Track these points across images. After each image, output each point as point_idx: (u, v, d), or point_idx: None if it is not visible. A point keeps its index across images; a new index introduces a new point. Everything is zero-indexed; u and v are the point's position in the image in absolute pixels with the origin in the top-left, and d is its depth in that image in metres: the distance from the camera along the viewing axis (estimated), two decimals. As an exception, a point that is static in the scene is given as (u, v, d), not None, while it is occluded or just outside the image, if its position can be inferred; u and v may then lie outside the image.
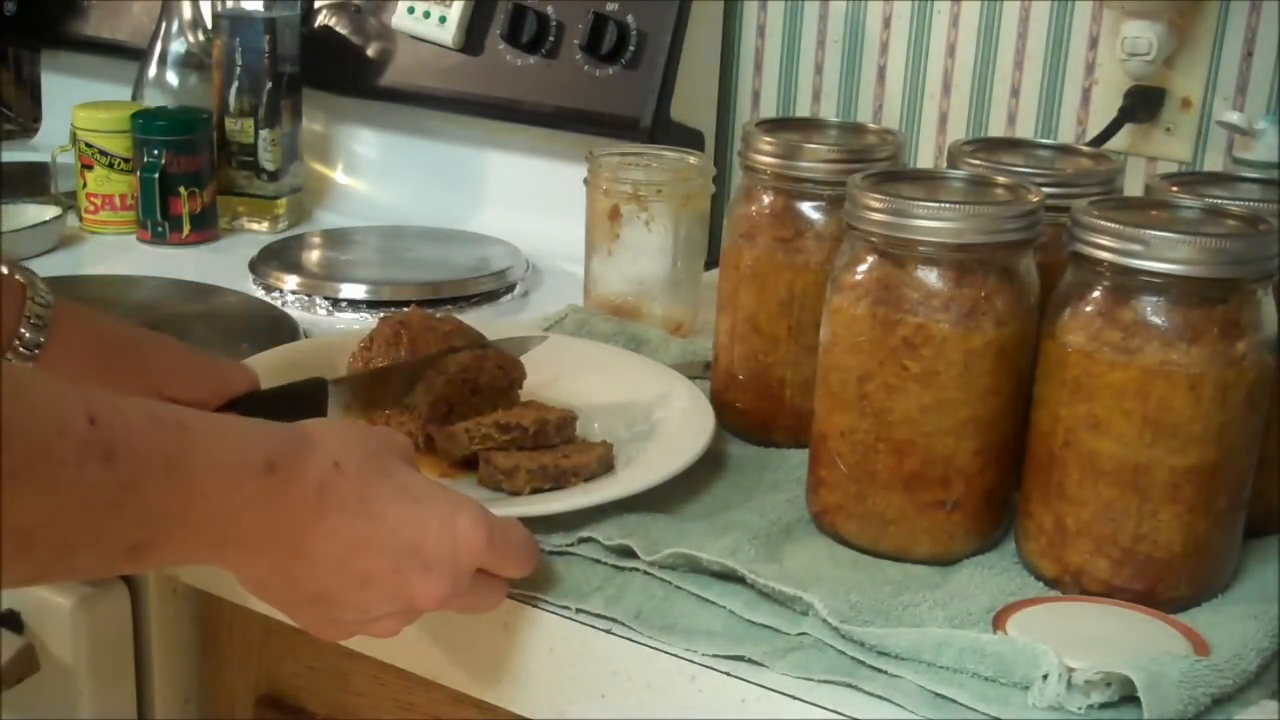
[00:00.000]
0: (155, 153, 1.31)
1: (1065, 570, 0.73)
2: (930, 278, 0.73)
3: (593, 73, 1.30)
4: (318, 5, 1.46)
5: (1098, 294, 0.70)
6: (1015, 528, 0.77)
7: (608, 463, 0.82)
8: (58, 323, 0.73)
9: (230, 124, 1.38)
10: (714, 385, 0.93)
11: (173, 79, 1.44)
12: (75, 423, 0.52)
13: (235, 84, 1.37)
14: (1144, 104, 1.18)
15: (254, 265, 1.23)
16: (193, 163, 1.33)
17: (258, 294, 1.19)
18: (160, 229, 1.33)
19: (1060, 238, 0.73)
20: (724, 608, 0.70)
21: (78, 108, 1.38)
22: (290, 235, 1.37)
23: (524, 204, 1.38)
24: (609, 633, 0.70)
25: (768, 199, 0.87)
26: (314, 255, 1.30)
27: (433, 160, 1.45)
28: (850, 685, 0.65)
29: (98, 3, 1.62)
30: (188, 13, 1.44)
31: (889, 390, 0.74)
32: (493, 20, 1.36)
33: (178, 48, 1.44)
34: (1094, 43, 1.20)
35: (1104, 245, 0.69)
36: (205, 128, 1.35)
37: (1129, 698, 0.62)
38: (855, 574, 0.74)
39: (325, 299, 1.18)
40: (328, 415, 0.82)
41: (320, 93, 1.45)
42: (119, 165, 1.36)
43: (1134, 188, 0.96)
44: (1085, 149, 0.91)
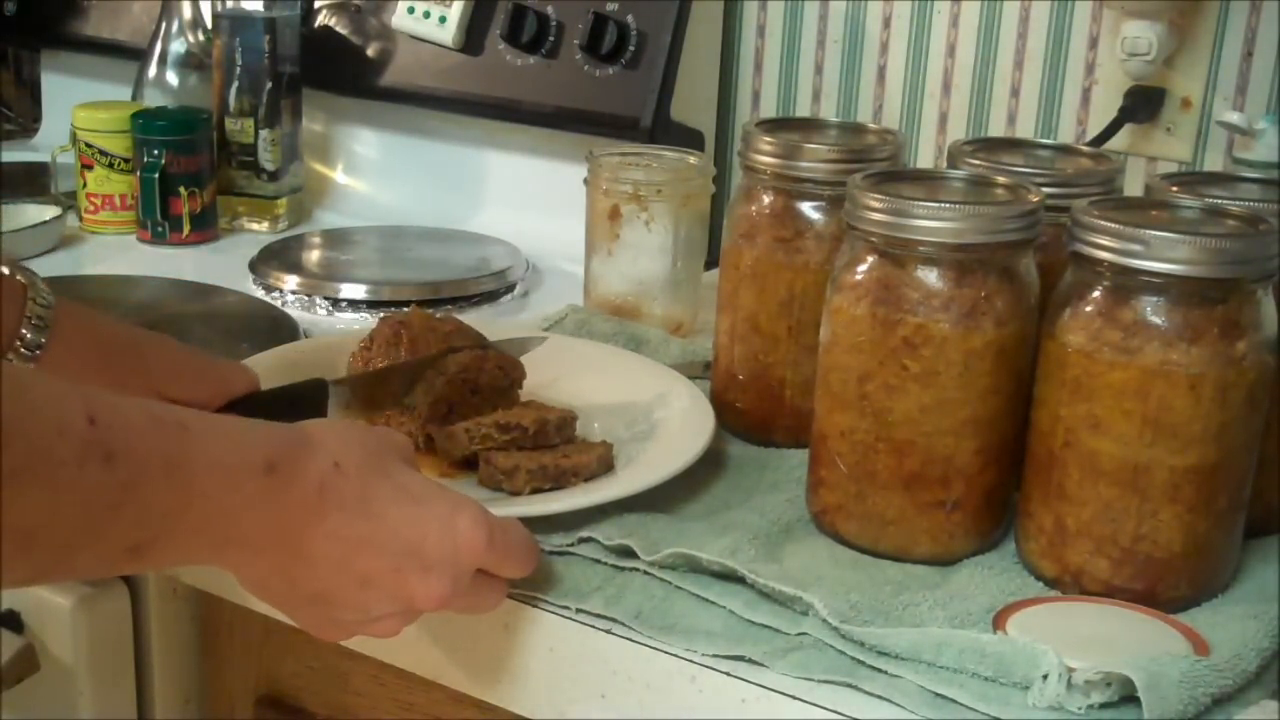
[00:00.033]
0: (155, 153, 1.31)
1: (1065, 570, 0.73)
2: (930, 278, 0.73)
3: (593, 73, 1.30)
4: (318, 5, 1.46)
5: (1098, 294, 0.70)
6: (1015, 528, 0.77)
7: (608, 463, 0.82)
8: (58, 323, 0.73)
9: (230, 124, 1.38)
10: (714, 385, 0.93)
11: (173, 79, 1.44)
12: (75, 423, 0.52)
13: (235, 84, 1.37)
14: (1144, 104, 1.18)
15: (254, 265, 1.23)
16: (193, 163, 1.33)
17: (258, 294, 1.19)
18: (160, 229, 1.33)
19: (1060, 238, 0.73)
20: (724, 608, 0.70)
21: (78, 108, 1.38)
22: (290, 235, 1.37)
23: (524, 204, 1.38)
24: (609, 633, 0.70)
25: (768, 199, 0.87)
26: (314, 255, 1.30)
27: (433, 160, 1.45)
28: (850, 685, 0.65)
29: (98, 3, 1.62)
30: (188, 13, 1.44)
31: (889, 390, 0.74)
32: (493, 20, 1.36)
33: (178, 48, 1.44)
34: (1094, 43, 1.20)
35: (1104, 245, 0.69)
36: (205, 128, 1.35)
37: (1129, 698, 0.62)
38: (855, 574, 0.74)
39: (325, 299, 1.18)
40: (328, 416, 0.82)
41: (320, 93, 1.45)
42: (119, 165, 1.36)
43: (1134, 188, 0.96)
44: (1085, 149, 0.91)
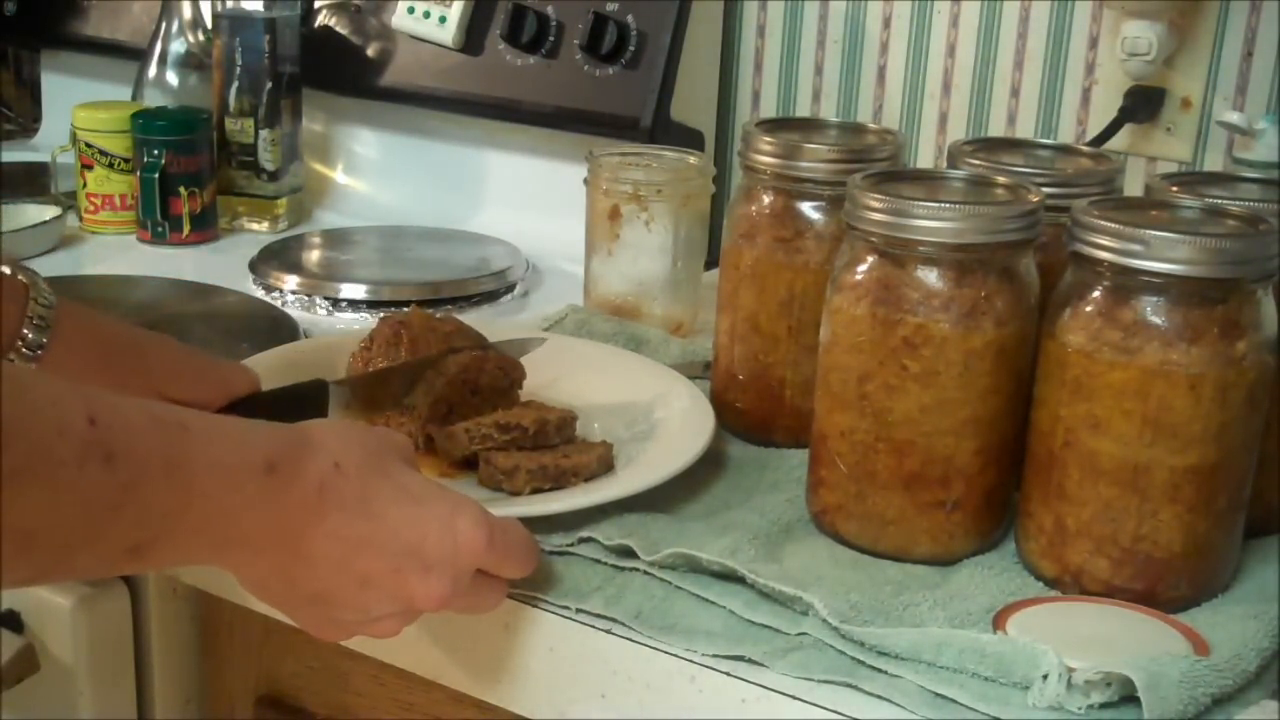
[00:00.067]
0: (155, 153, 1.31)
1: (1065, 570, 0.73)
2: (930, 278, 0.73)
3: (593, 73, 1.30)
4: (318, 5, 1.46)
5: (1098, 294, 0.70)
6: (1015, 528, 0.77)
7: (608, 463, 0.82)
8: (60, 323, 0.73)
9: (230, 124, 1.38)
10: (714, 385, 0.93)
11: (173, 79, 1.44)
12: (75, 423, 0.52)
13: (235, 84, 1.37)
14: (1144, 104, 1.17)
15: (254, 265, 1.23)
16: (193, 163, 1.33)
17: (258, 294, 1.19)
18: (160, 229, 1.33)
19: (1060, 238, 0.73)
20: (724, 608, 0.70)
21: (78, 108, 1.38)
22: (290, 235, 1.37)
23: (524, 204, 1.38)
24: (609, 633, 0.70)
25: (768, 199, 0.87)
26: (314, 255, 1.30)
27: (433, 160, 1.45)
28: (850, 685, 0.65)
29: (98, 3, 1.62)
30: (188, 13, 1.44)
31: (889, 390, 0.74)
32: (493, 20, 1.36)
33: (178, 48, 1.44)
34: (1094, 43, 1.20)
35: (1104, 245, 0.69)
36: (205, 128, 1.35)
37: (1129, 698, 0.62)
38: (855, 574, 0.74)
39: (325, 299, 1.18)
40: (328, 417, 0.82)
41: (320, 93, 1.45)
42: (119, 165, 1.36)
43: (1134, 188, 0.96)
44: (1085, 149, 0.91)
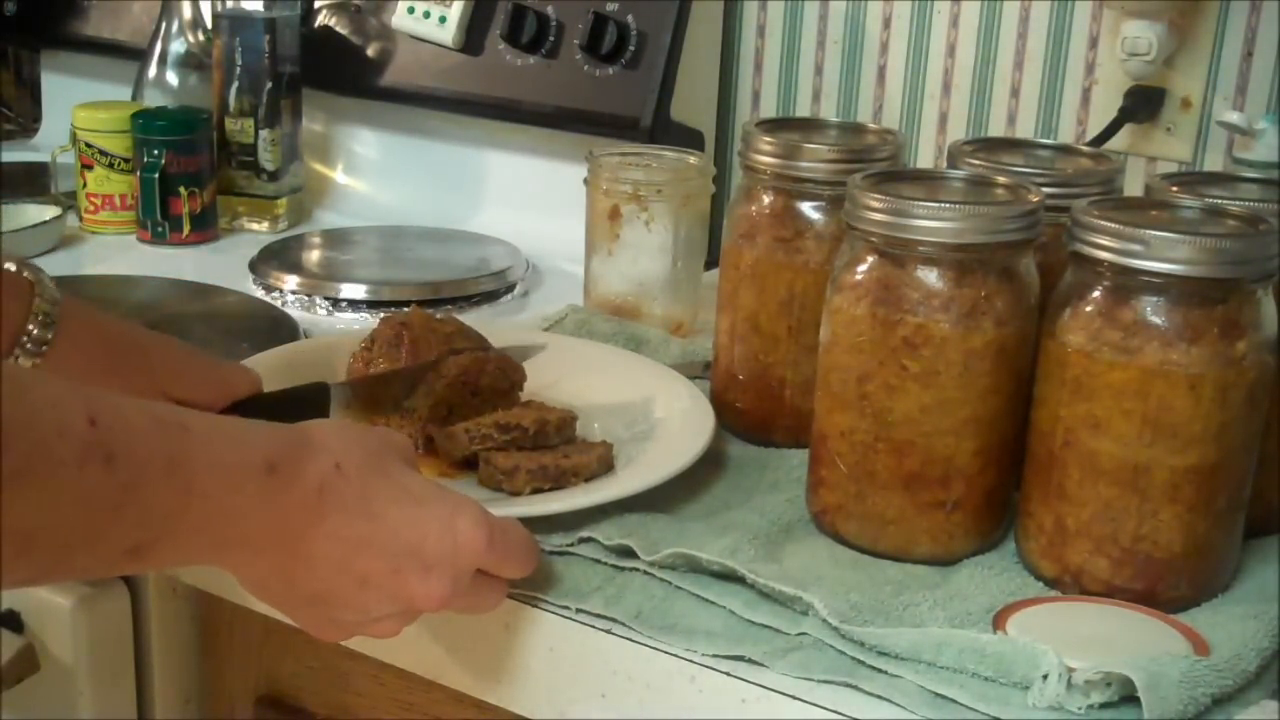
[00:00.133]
0: (155, 153, 1.31)
1: (1065, 570, 0.73)
2: (930, 278, 0.73)
3: (593, 73, 1.30)
4: (318, 5, 1.46)
5: (1098, 294, 0.70)
6: (1015, 528, 0.77)
7: (608, 463, 0.82)
8: (65, 320, 0.73)
9: (230, 124, 1.38)
10: (714, 385, 0.93)
11: (173, 79, 1.44)
12: (76, 424, 0.52)
13: (235, 84, 1.37)
14: (1144, 104, 1.17)
15: (254, 265, 1.23)
16: (193, 163, 1.33)
17: (258, 294, 1.19)
18: (160, 229, 1.33)
19: (1060, 238, 0.73)
20: (724, 608, 0.70)
21: (78, 108, 1.38)
22: (290, 235, 1.37)
23: (524, 204, 1.38)
24: (609, 633, 0.70)
25: (768, 199, 0.87)
26: (314, 255, 1.30)
27: (433, 160, 1.45)
28: (850, 685, 0.65)
29: (98, 3, 1.62)
30: (188, 13, 1.44)
31: (889, 390, 0.74)
32: (493, 20, 1.36)
33: (178, 48, 1.44)
34: (1094, 43, 1.20)
35: (1104, 245, 0.69)
36: (205, 128, 1.35)
37: (1129, 698, 0.62)
38: (855, 574, 0.74)
39: (325, 299, 1.18)
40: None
41: (320, 93, 1.45)
42: (119, 165, 1.36)
43: (1134, 188, 0.96)
44: (1085, 149, 0.91)
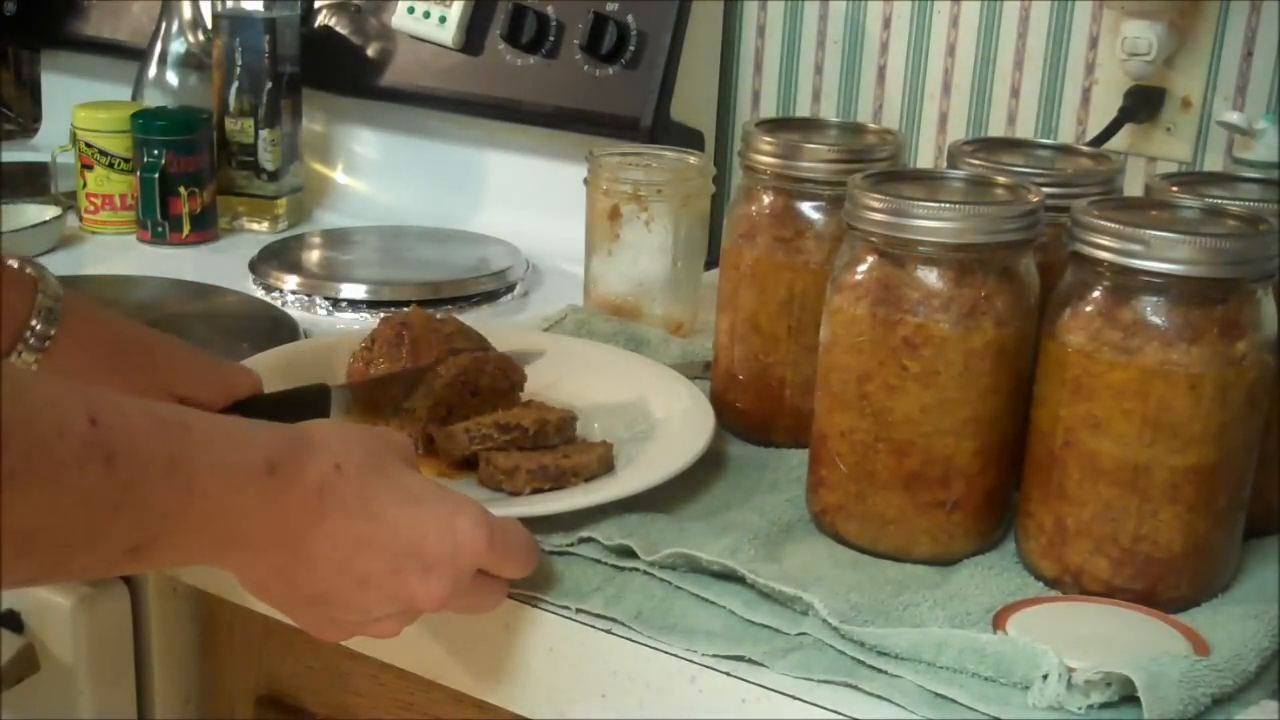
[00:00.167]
0: (155, 153, 1.31)
1: (1065, 570, 0.73)
2: (930, 278, 0.73)
3: (593, 73, 1.30)
4: (318, 5, 1.46)
5: (1098, 294, 0.70)
6: (1015, 528, 0.77)
7: (608, 463, 0.82)
8: (68, 317, 0.73)
9: (230, 124, 1.38)
10: (714, 385, 0.93)
11: (173, 79, 1.44)
12: (76, 424, 0.52)
13: (235, 84, 1.37)
14: (1144, 104, 1.18)
15: (254, 265, 1.23)
16: (193, 163, 1.33)
17: (258, 294, 1.19)
18: (160, 229, 1.33)
19: (1060, 238, 0.73)
20: (724, 608, 0.70)
21: (78, 108, 1.38)
22: (290, 235, 1.37)
23: (524, 204, 1.38)
24: (609, 633, 0.70)
25: (768, 199, 0.87)
26: (314, 255, 1.30)
27: (433, 160, 1.45)
28: (850, 685, 0.65)
29: (98, 3, 1.62)
30: (188, 13, 1.44)
31: (889, 390, 0.74)
32: (493, 20, 1.36)
33: (178, 48, 1.44)
34: (1094, 43, 1.20)
35: (1104, 245, 0.69)
36: (205, 128, 1.35)
37: (1129, 698, 0.62)
38: (855, 574, 0.74)
39: (325, 299, 1.18)
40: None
41: (320, 93, 1.45)
42: (119, 165, 1.36)
43: (1134, 188, 0.96)
44: (1085, 149, 0.91)
